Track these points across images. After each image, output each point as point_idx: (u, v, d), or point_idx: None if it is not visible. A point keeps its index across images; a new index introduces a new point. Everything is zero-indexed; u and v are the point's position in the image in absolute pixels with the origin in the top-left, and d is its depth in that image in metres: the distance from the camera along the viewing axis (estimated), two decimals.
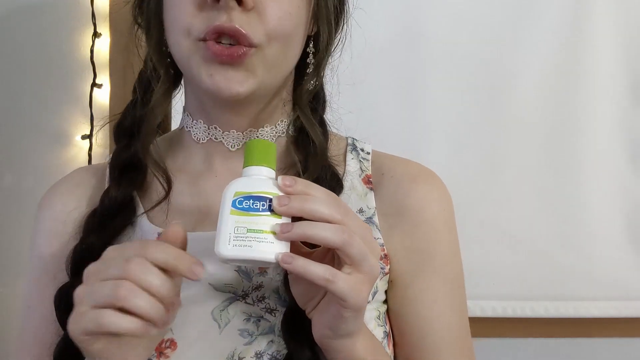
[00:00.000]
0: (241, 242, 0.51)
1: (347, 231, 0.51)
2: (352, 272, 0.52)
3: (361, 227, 0.54)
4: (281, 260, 0.51)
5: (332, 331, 0.55)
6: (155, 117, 0.69)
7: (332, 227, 0.51)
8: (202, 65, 0.62)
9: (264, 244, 0.51)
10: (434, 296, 0.68)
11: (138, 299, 0.49)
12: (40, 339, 0.69)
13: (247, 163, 0.56)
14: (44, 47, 1.23)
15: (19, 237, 1.20)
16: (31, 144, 1.23)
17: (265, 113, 0.70)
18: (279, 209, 0.52)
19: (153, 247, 0.52)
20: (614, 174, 1.24)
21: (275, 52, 0.63)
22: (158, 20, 0.68)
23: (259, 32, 0.61)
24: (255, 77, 0.63)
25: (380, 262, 0.67)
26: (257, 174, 0.55)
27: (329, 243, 0.51)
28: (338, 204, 0.53)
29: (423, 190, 0.70)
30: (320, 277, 0.51)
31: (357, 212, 0.69)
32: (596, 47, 1.23)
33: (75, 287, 0.62)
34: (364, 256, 0.52)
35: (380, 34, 1.19)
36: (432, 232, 0.69)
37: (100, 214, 0.68)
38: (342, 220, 0.52)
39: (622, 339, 1.26)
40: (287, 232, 0.51)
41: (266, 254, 0.51)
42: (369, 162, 0.73)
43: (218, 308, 0.63)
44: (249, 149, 0.56)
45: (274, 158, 0.56)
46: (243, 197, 0.53)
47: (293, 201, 0.52)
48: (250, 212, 0.52)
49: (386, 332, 0.68)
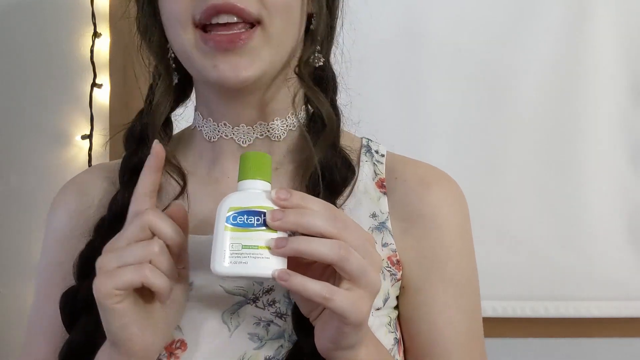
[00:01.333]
0: (237, 258, 0.50)
1: (344, 246, 0.50)
2: (351, 288, 0.51)
3: (361, 239, 0.52)
4: (277, 277, 0.49)
5: (334, 344, 0.54)
6: (159, 114, 0.69)
7: (328, 243, 0.50)
8: (205, 57, 0.61)
9: (259, 259, 0.50)
10: (445, 302, 0.67)
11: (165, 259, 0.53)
12: (48, 340, 0.69)
13: (241, 177, 0.54)
14: (44, 47, 1.23)
15: (19, 237, 1.20)
16: (31, 144, 1.23)
17: (274, 101, 0.68)
18: (273, 223, 0.50)
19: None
20: (614, 174, 1.24)
21: (278, 27, 0.62)
22: (155, 21, 0.68)
23: (254, 4, 0.60)
24: (261, 60, 0.62)
25: (393, 267, 0.67)
26: (251, 188, 0.53)
27: (325, 259, 0.50)
28: (335, 217, 0.51)
29: (436, 195, 0.69)
30: (318, 294, 0.49)
31: (370, 217, 0.68)
32: (596, 47, 1.23)
33: (81, 290, 0.62)
34: (362, 271, 0.51)
35: (380, 35, 1.20)
36: (445, 238, 0.68)
37: (108, 221, 0.67)
38: (339, 235, 0.50)
39: (622, 339, 1.26)
40: (281, 247, 0.50)
41: (262, 270, 0.50)
42: (383, 165, 0.72)
43: (229, 311, 0.62)
44: (243, 162, 0.54)
45: (269, 170, 0.55)
46: (237, 213, 0.51)
47: (287, 215, 0.51)
48: (245, 228, 0.51)
49: (397, 338, 0.67)
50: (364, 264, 0.51)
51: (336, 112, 0.69)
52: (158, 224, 0.54)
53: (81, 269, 0.65)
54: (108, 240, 0.64)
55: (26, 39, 1.23)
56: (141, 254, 0.53)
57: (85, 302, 0.62)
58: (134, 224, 0.54)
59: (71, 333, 0.64)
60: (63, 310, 0.65)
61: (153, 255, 0.53)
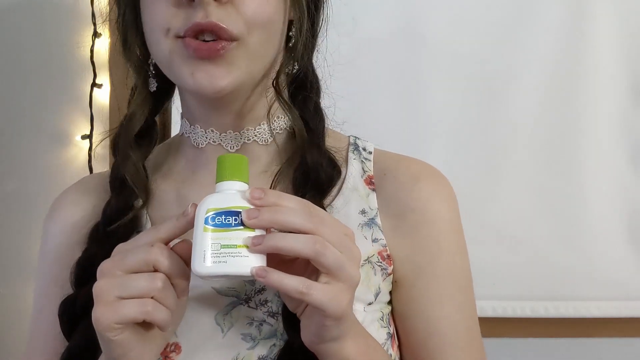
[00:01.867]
0: (216, 258, 0.51)
1: (320, 241, 0.51)
2: (329, 281, 0.52)
3: (338, 234, 0.53)
4: (255, 274, 0.50)
5: (318, 337, 0.55)
6: (132, 126, 0.69)
7: (304, 238, 0.51)
8: (183, 64, 0.62)
9: (238, 258, 0.51)
10: (438, 297, 0.68)
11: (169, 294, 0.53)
12: (49, 348, 0.69)
13: (219, 179, 0.55)
14: (44, 47, 1.23)
15: (19, 237, 1.20)
16: (31, 144, 1.23)
17: (257, 108, 0.69)
18: (248, 222, 0.51)
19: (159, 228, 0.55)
20: (614, 174, 1.24)
21: (257, 42, 0.62)
22: (135, 29, 0.68)
23: (238, 23, 0.60)
24: (239, 70, 0.62)
25: (383, 262, 0.67)
26: (229, 189, 0.55)
27: (301, 254, 0.51)
28: (311, 213, 0.52)
29: (426, 190, 0.69)
30: (295, 289, 0.50)
31: (360, 214, 0.69)
32: (596, 47, 1.23)
33: (79, 298, 0.63)
34: (339, 265, 0.51)
35: (380, 34, 1.20)
36: (436, 232, 0.68)
37: (103, 226, 0.68)
38: (314, 230, 0.51)
39: (622, 339, 1.26)
40: (258, 244, 0.51)
41: (241, 268, 0.51)
42: (371, 162, 0.72)
43: (221, 312, 0.63)
44: (220, 165, 0.56)
45: (246, 171, 0.56)
46: (215, 214, 0.52)
47: (262, 213, 0.51)
48: (223, 228, 0.52)
49: (390, 333, 0.68)
50: (341, 258, 0.52)
51: (319, 114, 0.70)
52: (164, 263, 0.53)
53: (78, 277, 0.66)
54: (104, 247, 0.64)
55: (26, 39, 1.23)
56: (144, 289, 0.53)
57: (84, 309, 0.63)
58: (139, 255, 0.54)
59: (70, 339, 0.64)
60: (62, 317, 0.66)
61: (156, 291, 0.53)
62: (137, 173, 0.69)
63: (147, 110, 0.71)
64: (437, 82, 1.22)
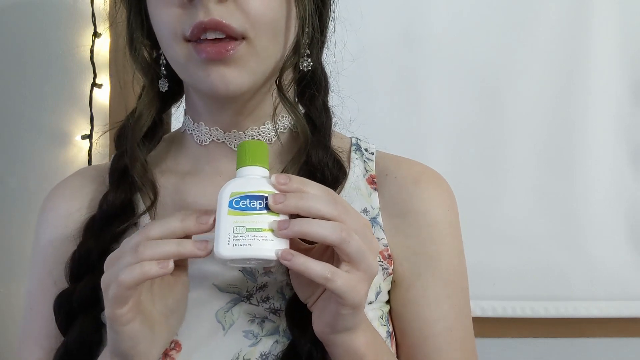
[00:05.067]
0: (241, 241, 0.51)
1: (345, 228, 0.51)
2: (350, 270, 0.52)
3: (360, 224, 0.54)
4: (281, 256, 0.51)
5: (331, 327, 0.56)
6: (140, 126, 0.70)
7: (330, 225, 0.51)
8: (198, 68, 0.62)
9: (263, 241, 0.51)
10: (435, 298, 0.68)
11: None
12: (42, 343, 0.69)
13: (240, 164, 0.56)
14: (44, 47, 1.23)
15: (19, 237, 1.20)
16: (31, 144, 1.23)
17: (263, 106, 0.69)
18: (275, 206, 0.52)
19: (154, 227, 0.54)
20: (614, 174, 1.24)
21: (265, 42, 0.63)
22: (141, 34, 0.69)
23: (240, 20, 0.60)
24: (250, 71, 0.63)
25: (384, 262, 0.68)
26: (251, 174, 0.55)
27: (326, 240, 0.51)
28: (335, 201, 0.53)
29: (426, 193, 0.69)
30: (319, 275, 0.50)
31: (362, 213, 0.69)
32: (596, 47, 1.23)
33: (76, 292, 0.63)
34: (362, 254, 0.52)
35: (380, 34, 1.20)
36: (436, 235, 0.69)
37: (99, 219, 0.68)
38: (339, 217, 0.52)
39: (622, 339, 1.26)
40: (284, 229, 0.51)
41: (266, 252, 0.51)
42: (373, 162, 0.73)
43: (222, 309, 0.63)
44: (241, 151, 0.56)
45: (267, 157, 0.56)
46: (240, 197, 0.52)
47: (289, 199, 0.52)
48: (247, 212, 0.52)
49: (389, 332, 0.68)
50: (364, 247, 0.52)
51: (327, 113, 0.70)
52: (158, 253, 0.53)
53: (74, 271, 0.66)
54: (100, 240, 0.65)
55: (26, 38, 1.23)
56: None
57: (81, 304, 0.63)
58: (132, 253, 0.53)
59: (67, 334, 0.64)
60: (58, 312, 0.65)
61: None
62: (146, 174, 0.69)
63: (154, 110, 0.71)
64: (437, 82, 1.22)
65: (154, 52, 0.71)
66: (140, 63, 0.70)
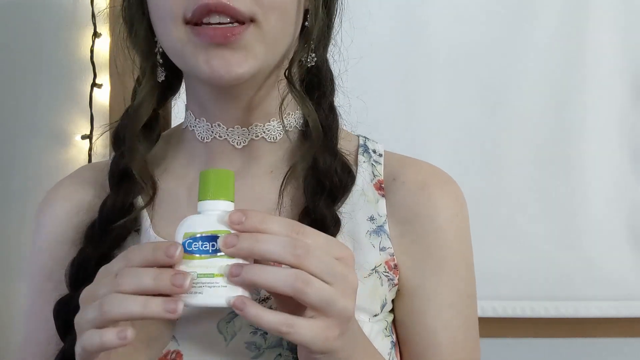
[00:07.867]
0: (193, 288, 0.47)
1: (301, 277, 0.46)
2: (315, 316, 0.47)
3: (327, 262, 0.48)
4: (233, 305, 0.46)
5: None
6: (139, 118, 0.66)
7: (283, 274, 0.46)
8: (197, 52, 0.58)
9: (215, 288, 0.47)
10: (440, 307, 0.65)
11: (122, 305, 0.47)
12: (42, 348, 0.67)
13: (201, 197, 0.50)
14: (44, 47, 1.23)
15: (19, 237, 1.20)
16: (31, 144, 1.23)
17: (268, 101, 0.65)
18: (226, 250, 0.47)
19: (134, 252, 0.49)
20: (614, 174, 1.24)
21: (273, 26, 0.59)
22: (141, 15, 0.64)
23: (248, 3, 0.57)
24: (255, 57, 0.59)
25: (390, 272, 0.65)
26: (211, 209, 0.49)
27: (279, 291, 0.46)
28: (295, 241, 0.47)
29: (433, 197, 0.66)
30: (275, 328, 0.46)
31: (368, 220, 0.66)
32: (597, 47, 1.23)
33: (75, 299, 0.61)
34: (326, 301, 0.47)
35: (380, 34, 1.19)
36: (442, 241, 0.66)
37: (99, 225, 0.65)
38: (297, 263, 0.46)
39: (622, 339, 1.26)
40: (236, 275, 0.46)
41: (217, 299, 0.47)
42: (382, 165, 0.69)
43: (224, 320, 0.60)
44: (203, 181, 0.50)
45: (232, 188, 0.51)
46: (192, 239, 0.48)
47: (241, 241, 0.47)
48: (200, 255, 0.48)
49: (393, 342, 0.66)
50: (328, 293, 0.47)
51: (333, 114, 0.67)
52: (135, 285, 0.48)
53: (74, 277, 0.64)
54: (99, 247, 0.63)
55: (26, 39, 1.23)
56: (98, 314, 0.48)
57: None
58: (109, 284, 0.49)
59: (65, 341, 0.62)
60: (57, 319, 0.63)
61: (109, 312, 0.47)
62: (145, 167, 0.66)
63: (154, 101, 0.67)
64: (437, 81, 1.22)
65: (154, 37, 0.65)
66: (141, 48, 0.66)
